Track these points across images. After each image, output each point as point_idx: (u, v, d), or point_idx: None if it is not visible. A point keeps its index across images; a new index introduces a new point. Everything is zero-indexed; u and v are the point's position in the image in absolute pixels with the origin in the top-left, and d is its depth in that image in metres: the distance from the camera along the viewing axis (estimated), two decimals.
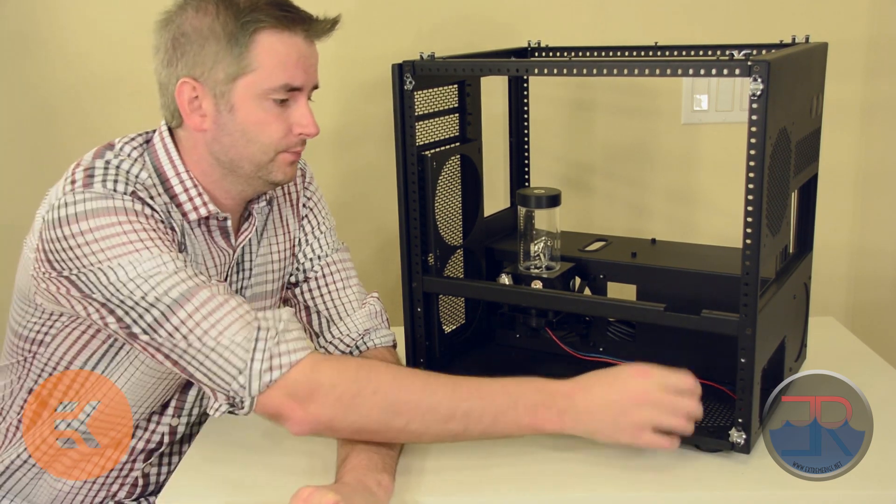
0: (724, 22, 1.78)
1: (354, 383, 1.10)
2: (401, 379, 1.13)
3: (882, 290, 1.86)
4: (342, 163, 1.83)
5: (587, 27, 1.78)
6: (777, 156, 1.10)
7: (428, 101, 1.35)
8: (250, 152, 1.21)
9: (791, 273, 1.26)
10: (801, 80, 1.19)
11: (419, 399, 1.11)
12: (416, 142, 1.29)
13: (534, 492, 1.12)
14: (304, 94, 1.22)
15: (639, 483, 1.11)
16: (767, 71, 1.02)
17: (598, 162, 1.86)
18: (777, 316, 1.19)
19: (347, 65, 1.76)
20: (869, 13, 1.75)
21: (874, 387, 1.18)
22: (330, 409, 1.10)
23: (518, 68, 1.29)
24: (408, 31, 1.78)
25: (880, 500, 1.10)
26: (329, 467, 1.16)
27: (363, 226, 1.83)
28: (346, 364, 1.13)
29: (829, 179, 1.58)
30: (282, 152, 1.22)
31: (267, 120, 1.19)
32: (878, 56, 1.77)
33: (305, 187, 1.42)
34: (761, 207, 1.06)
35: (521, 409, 1.12)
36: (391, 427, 1.11)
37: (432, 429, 1.12)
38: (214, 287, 1.13)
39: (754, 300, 1.08)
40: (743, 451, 1.13)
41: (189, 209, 1.23)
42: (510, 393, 1.12)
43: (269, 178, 1.24)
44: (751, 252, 1.07)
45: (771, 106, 1.04)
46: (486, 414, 1.11)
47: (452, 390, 1.12)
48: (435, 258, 1.33)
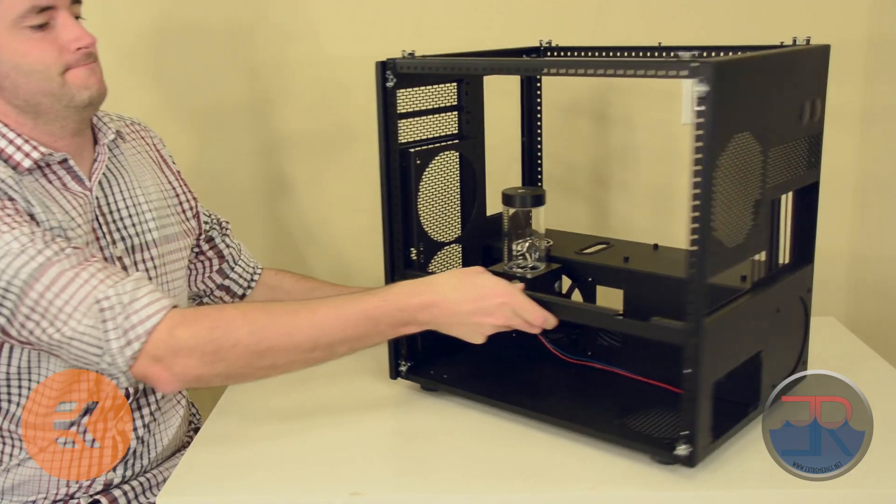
0: (727, 23, 1.76)
1: (212, 341, 1.10)
2: (259, 326, 1.12)
3: (882, 291, 1.85)
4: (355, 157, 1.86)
5: (596, 27, 1.78)
6: (735, 161, 1.05)
7: (426, 98, 1.36)
8: (35, 85, 1.19)
9: (775, 284, 1.21)
10: (780, 83, 1.13)
11: (280, 341, 1.13)
12: (398, 138, 1.31)
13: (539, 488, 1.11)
14: (63, 9, 1.20)
15: (639, 482, 1.10)
16: (713, 73, 0.98)
17: (611, 163, 1.86)
18: (742, 328, 1.15)
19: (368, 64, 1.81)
20: (869, 14, 1.73)
21: (874, 387, 1.16)
22: (194, 367, 1.11)
23: (493, 67, 1.29)
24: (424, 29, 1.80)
25: (880, 500, 1.09)
26: (330, 468, 1.16)
27: (362, 221, 1.84)
28: (200, 322, 1.12)
29: (830, 181, 1.56)
30: (70, 70, 1.20)
31: (32, 49, 1.18)
32: (878, 58, 1.75)
33: (161, 141, 1.45)
34: (708, 214, 1.03)
35: (385, 328, 1.17)
36: (259, 367, 1.14)
37: (298, 362, 1.15)
38: (65, 259, 1.12)
39: (698, 309, 1.05)
40: (687, 465, 1.10)
41: (20, 158, 1.20)
42: (371, 317, 1.15)
43: (74, 102, 1.21)
44: (696, 259, 1.04)
45: (723, 109, 1.01)
46: (349, 339, 1.15)
47: (312, 325, 1.14)
48: (418, 253, 1.35)
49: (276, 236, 1.90)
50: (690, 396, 1.08)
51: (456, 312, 1.17)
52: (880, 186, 1.81)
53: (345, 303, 1.16)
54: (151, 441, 1.36)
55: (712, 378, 1.10)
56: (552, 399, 1.28)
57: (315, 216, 1.89)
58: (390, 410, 1.34)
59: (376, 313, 1.15)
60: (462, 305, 1.17)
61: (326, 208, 1.88)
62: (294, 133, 1.85)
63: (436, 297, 1.17)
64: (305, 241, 1.90)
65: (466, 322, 1.18)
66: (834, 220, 1.80)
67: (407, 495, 1.12)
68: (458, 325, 1.19)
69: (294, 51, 1.80)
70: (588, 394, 1.30)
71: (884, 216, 1.81)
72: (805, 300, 1.29)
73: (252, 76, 1.81)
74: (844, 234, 1.84)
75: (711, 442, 1.13)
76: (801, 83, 1.19)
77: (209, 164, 1.83)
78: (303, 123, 1.84)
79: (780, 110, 1.15)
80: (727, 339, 1.12)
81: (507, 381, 1.35)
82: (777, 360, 1.24)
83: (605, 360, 1.35)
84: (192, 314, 1.13)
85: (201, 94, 1.82)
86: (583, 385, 1.32)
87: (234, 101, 1.82)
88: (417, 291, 1.17)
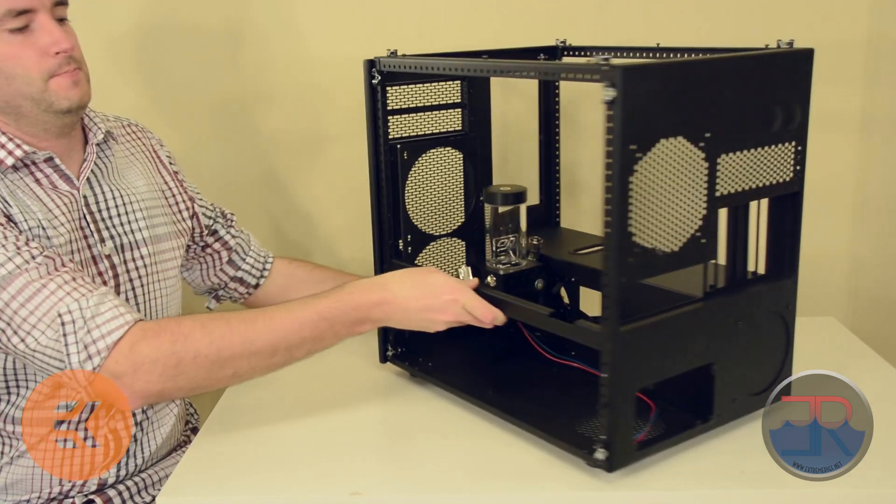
0: (732, 23, 1.74)
1: (173, 354, 1.11)
2: (218, 336, 1.13)
3: (882, 291, 1.82)
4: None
5: (599, 27, 1.78)
6: (660, 166, 1.03)
7: (429, 95, 1.39)
8: (16, 88, 1.19)
9: (734, 296, 1.17)
10: (734, 87, 1.09)
11: (240, 350, 1.14)
12: (389, 132, 1.34)
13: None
14: (43, 12, 1.19)
15: (637, 480, 1.10)
16: (620, 78, 0.97)
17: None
18: (680, 337, 1.12)
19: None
20: (869, 16, 1.70)
21: (874, 387, 1.16)
22: (156, 382, 1.11)
23: (459, 68, 1.28)
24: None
25: (880, 500, 1.08)
26: (330, 467, 1.16)
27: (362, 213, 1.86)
28: (161, 336, 1.12)
29: (830, 182, 1.61)
30: (54, 77, 1.20)
31: (12, 52, 1.17)
32: (878, 60, 1.72)
33: (159, 142, 1.46)
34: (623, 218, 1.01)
35: (340, 328, 1.19)
36: (221, 377, 1.15)
37: (259, 368, 1.17)
38: (33, 269, 1.12)
39: (613, 314, 1.03)
40: (606, 469, 1.09)
41: (3, 155, 1.20)
42: (326, 318, 1.17)
43: (53, 108, 1.21)
44: (610, 264, 1.03)
45: (640, 113, 1.00)
46: (307, 341, 1.17)
47: (270, 331, 1.16)
48: (405, 244, 1.40)
49: (270, 230, 1.91)
50: (605, 402, 1.07)
51: (407, 309, 1.21)
52: (880, 187, 1.79)
53: (300, 307, 1.19)
54: (145, 440, 1.36)
55: (633, 385, 1.08)
56: (519, 396, 1.29)
57: (310, 208, 1.91)
58: (383, 402, 1.36)
59: (331, 314, 1.18)
60: (412, 302, 1.21)
61: (318, 202, 1.90)
62: (292, 129, 1.87)
63: (387, 294, 1.20)
64: (300, 234, 1.92)
65: (417, 318, 1.22)
66: (834, 220, 1.80)
67: (406, 496, 1.12)
68: (409, 322, 1.23)
69: (302, 49, 1.82)
70: (555, 393, 1.30)
71: (884, 216, 1.79)
72: (785, 316, 1.23)
73: (254, 73, 1.83)
74: (844, 234, 1.82)
75: (638, 449, 1.11)
76: (769, 88, 1.14)
77: (203, 160, 1.85)
78: (299, 121, 1.86)
79: (737, 116, 1.11)
80: (655, 347, 1.09)
81: (485, 374, 1.37)
82: (739, 375, 1.19)
83: (589, 361, 1.34)
84: (153, 329, 1.13)
85: (195, 91, 1.83)
86: (557, 384, 1.33)
87: (229, 98, 1.84)
88: (370, 290, 1.21)
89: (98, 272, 1.28)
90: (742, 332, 1.18)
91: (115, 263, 1.30)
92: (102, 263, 1.29)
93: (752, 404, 1.22)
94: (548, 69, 1.11)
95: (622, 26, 1.75)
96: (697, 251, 1.11)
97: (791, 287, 1.23)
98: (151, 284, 1.36)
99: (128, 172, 1.38)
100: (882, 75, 1.74)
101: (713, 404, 1.17)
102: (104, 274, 1.29)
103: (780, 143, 1.17)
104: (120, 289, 1.31)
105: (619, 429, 1.08)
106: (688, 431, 1.16)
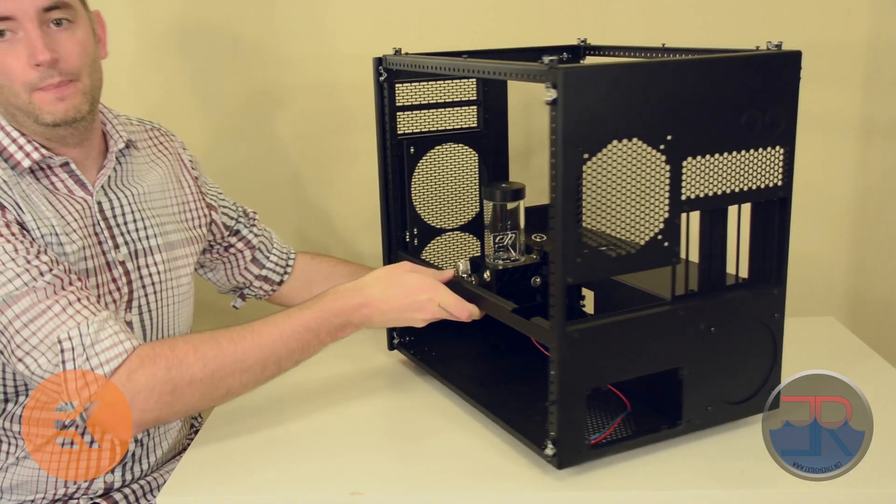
0: (732, 24, 1.75)
1: (168, 381, 1.12)
2: (210, 358, 1.15)
3: (882, 291, 1.82)
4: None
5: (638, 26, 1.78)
6: (612, 168, 1.04)
7: (446, 93, 1.44)
8: (5, 97, 1.18)
9: (705, 301, 1.15)
10: (702, 90, 1.07)
11: (232, 369, 1.16)
12: (396, 128, 1.39)
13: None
14: (26, 20, 1.15)
15: (635, 479, 1.11)
16: (562, 80, 0.98)
17: None
18: (639, 339, 1.11)
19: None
20: (869, 18, 1.70)
21: (874, 387, 1.17)
22: (152, 410, 1.13)
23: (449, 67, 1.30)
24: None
25: (880, 499, 1.09)
26: (330, 467, 1.17)
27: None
28: (157, 363, 1.12)
29: (830, 182, 1.62)
30: (36, 91, 1.17)
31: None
32: (878, 62, 1.72)
33: (182, 146, 1.46)
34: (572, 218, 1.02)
35: (325, 335, 1.21)
36: (215, 398, 1.17)
37: (251, 384, 1.19)
38: (40, 290, 1.12)
39: (559, 312, 1.04)
40: (554, 465, 1.10)
41: (21, 157, 1.20)
42: (311, 328, 1.20)
43: (40, 121, 1.19)
44: (555, 265, 1.04)
45: (585, 114, 1.00)
46: (294, 352, 1.20)
47: (259, 347, 1.17)
48: (411, 236, 1.45)
49: (291, 225, 1.94)
50: (553, 399, 1.08)
51: (386, 310, 1.24)
52: (880, 187, 1.78)
53: (284, 320, 1.21)
54: (151, 444, 1.37)
55: (583, 383, 1.09)
56: (502, 391, 1.31)
57: (330, 204, 1.94)
58: (384, 398, 1.38)
59: (314, 324, 1.21)
60: (390, 303, 1.24)
61: (337, 197, 1.94)
62: (313, 126, 1.90)
63: (366, 298, 1.24)
64: (319, 230, 1.95)
65: (398, 318, 1.25)
66: (834, 220, 1.79)
67: (407, 495, 1.13)
68: (390, 322, 1.27)
69: (323, 48, 1.86)
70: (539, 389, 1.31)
71: (884, 217, 1.79)
72: (770, 326, 1.20)
73: (276, 72, 1.87)
74: (844, 234, 1.81)
75: (592, 448, 1.12)
76: (747, 91, 1.11)
77: (227, 157, 1.89)
78: (319, 117, 1.89)
79: (707, 119, 1.09)
80: (609, 347, 1.09)
81: (481, 367, 1.41)
82: (715, 382, 1.17)
83: None
84: (149, 355, 1.13)
85: (219, 89, 1.87)
86: (545, 380, 1.34)
87: (250, 96, 1.88)
88: (348, 296, 1.24)
89: (112, 278, 1.29)
90: (716, 339, 1.16)
91: (129, 270, 1.31)
92: (116, 270, 1.29)
93: (731, 413, 1.20)
94: (495, 69, 1.12)
95: (625, 26, 1.77)
96: (660, 254, 1.10)
97: (778, 296, 1.19)
98: (165, 291, 1.36)
99: (145, 179, 1.37)
100: (882, 77, 1.74)
101: (682, 410, 1.16)
102: (118, 280, 1.29)
103: (762, 148, 1.14)
104: (133, 294, 1.32)
105: (569, 426, 1.09)
106: (653, 435, 1.16)
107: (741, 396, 1.20)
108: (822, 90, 1.29)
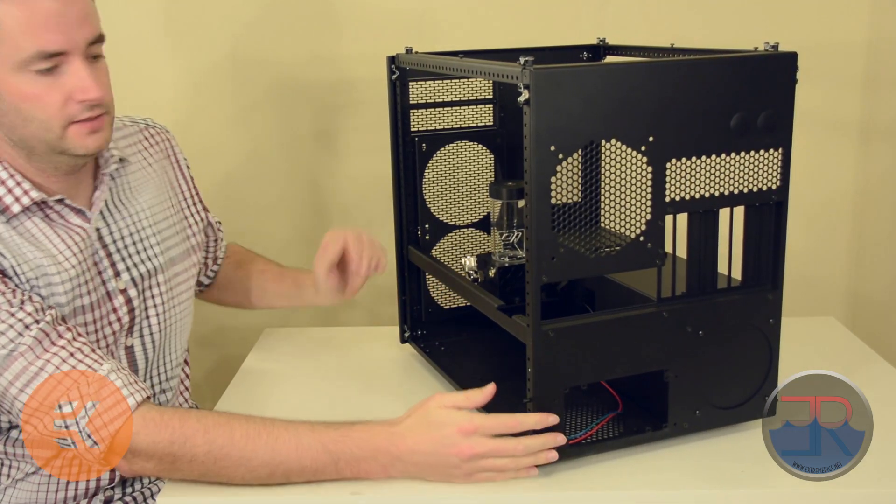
0: (733, 25, 1.76)
1: (170, 454, 1.10)
2: (217, 447, 1.10)
3: (882, 291, 1.81)
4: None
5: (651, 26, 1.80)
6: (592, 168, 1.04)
7: (462, 91, 1.47)
8: (33, 131, 1.14)
9: (691, 303, 1.14)
10: (686, 92, 1.06)
11: (237, 464, 1.10)
12: (409, 126, 1.42)
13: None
14: (76, 55, 1.12)
15: (634, 479, 1.12)
16: (533, 81, 0.99)
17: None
18: (619, 340, 1.11)
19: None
20: (869, 19, 1.69)
21: (874, 387, 1.18)
22: (153, 468, 1.11)
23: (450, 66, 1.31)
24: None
25: (880, 499, 1.09)
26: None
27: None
28: (161, 433, 1.10)
29: (830, 182, 1.63)
30: (73, 124, 1.14)
31: (36, 94, 1.11)
32: (878, 63, 1.71)
33: (174, 139, 1.42)
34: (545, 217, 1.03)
35: (343, 465, 1.10)
36: (213, 481, 1.12)
37: (253, 482, 1.12)
38: (29, 351, 1.10)
39: (534, 310, 1.05)
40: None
41: (10, 201, 1.15)
42: (330, 451, 1.10)
43: (70, 153, 1.16)
44: (529, 263, 1.05)
45: (561, 115, 1.01)
46: (307, 471, 1.10)
47: (271, 452, 1.10)
48: (423, 232, 1.47)
49: (299, 220, 1.99)
50: (529, 396, 1.09)
51: (427, 462, 1.10)
52: (880, 188, 1.78)
53: (305, 432, 1.11)
54: None
55: (560, 382, 1.09)
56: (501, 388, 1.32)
57: (340, 200, 1.99)
58: (385, 396, 1.36)
59: (335, 448, 1.10)
60: (432, 452, 1.10)
61: (348, 193, 1.98)
62: (324, 121, 1.95)
63: (399, 436, 1.10)
64: (331, 224, 1.98)
65: (439, 471, 1.11)
66: (834, 221, 1.80)
67: (407, 495, 1.12)
68: (429, 472, 1.11)
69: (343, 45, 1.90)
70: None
71: (884, 217, 1.79)
72: (764, 331, 1.18)
73: (289, 67, 1.91)
74: (844, 234, 1.82)
75: (569, 446, 1.12)
76: (738, 93, 1.10)
77: (234, 156, 1.93)
78: (330, 113, 1.94)
79: (693, 121, 1.08)
80: (587, 347, 1.10)
81: (485, 365, 1.41)
82: (704, 386, 1.16)
83: None
84: (154, 421, 1.10)
85: (226, 83, 1.91)
86: None
87: (261, 94, 1.92)
88: (385, 429, 1.12)
89: (112, 308, 1.26)
90: (705, 343, 1.15)
91: (132, 297, 1.28)
92: (117, 299, 1.27)
93: (723, 418, 1.19)
94: (478, 69, 1.14)
95: (640, 26, 1.77)
96: (641, 255, 1.10)
97: (773, 301, 1.17)
98: (169, 311, 1.34)
99: (141, 193, 1.33)
100: (881, 77, 1.73)
101: (667, 413, 1.16)
102: (118, 310, 1.27)
103: (756, 151, 1.12)
104: (135, 321, 1.29)
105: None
106: (636, 437, 1.16)
107: (734, 401, 1.19)
108: (822, 90, 1.26)
